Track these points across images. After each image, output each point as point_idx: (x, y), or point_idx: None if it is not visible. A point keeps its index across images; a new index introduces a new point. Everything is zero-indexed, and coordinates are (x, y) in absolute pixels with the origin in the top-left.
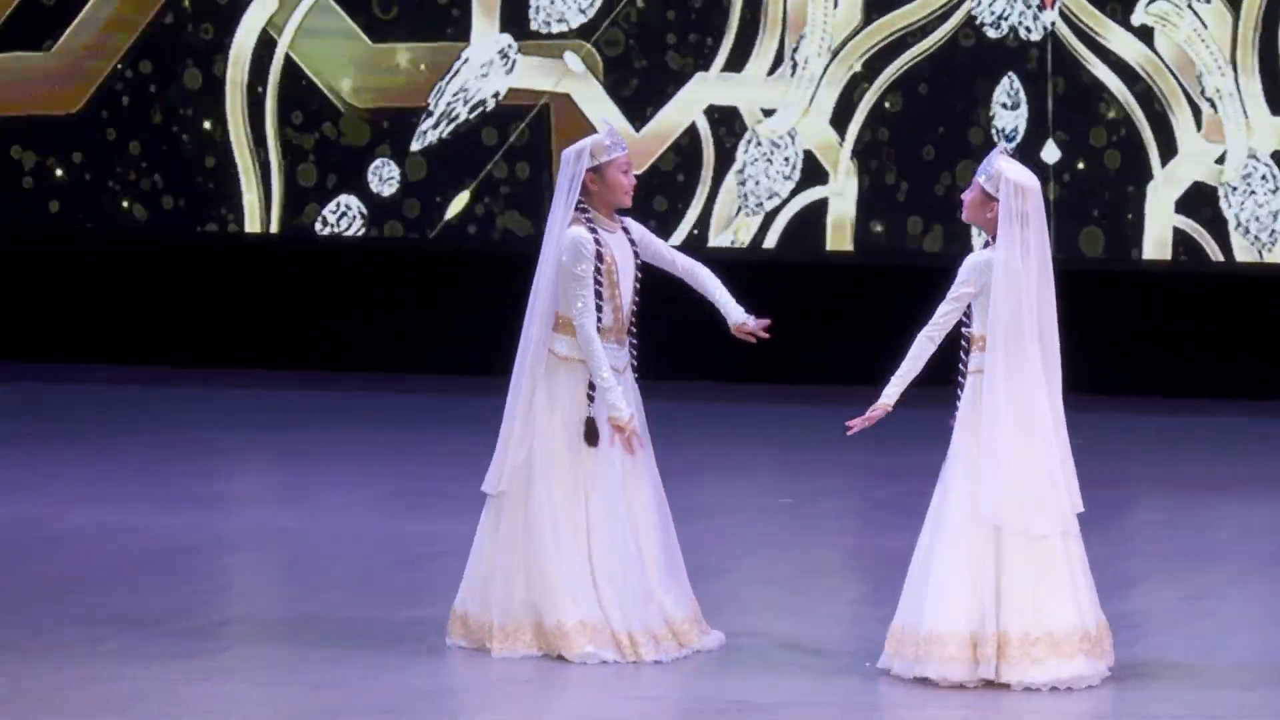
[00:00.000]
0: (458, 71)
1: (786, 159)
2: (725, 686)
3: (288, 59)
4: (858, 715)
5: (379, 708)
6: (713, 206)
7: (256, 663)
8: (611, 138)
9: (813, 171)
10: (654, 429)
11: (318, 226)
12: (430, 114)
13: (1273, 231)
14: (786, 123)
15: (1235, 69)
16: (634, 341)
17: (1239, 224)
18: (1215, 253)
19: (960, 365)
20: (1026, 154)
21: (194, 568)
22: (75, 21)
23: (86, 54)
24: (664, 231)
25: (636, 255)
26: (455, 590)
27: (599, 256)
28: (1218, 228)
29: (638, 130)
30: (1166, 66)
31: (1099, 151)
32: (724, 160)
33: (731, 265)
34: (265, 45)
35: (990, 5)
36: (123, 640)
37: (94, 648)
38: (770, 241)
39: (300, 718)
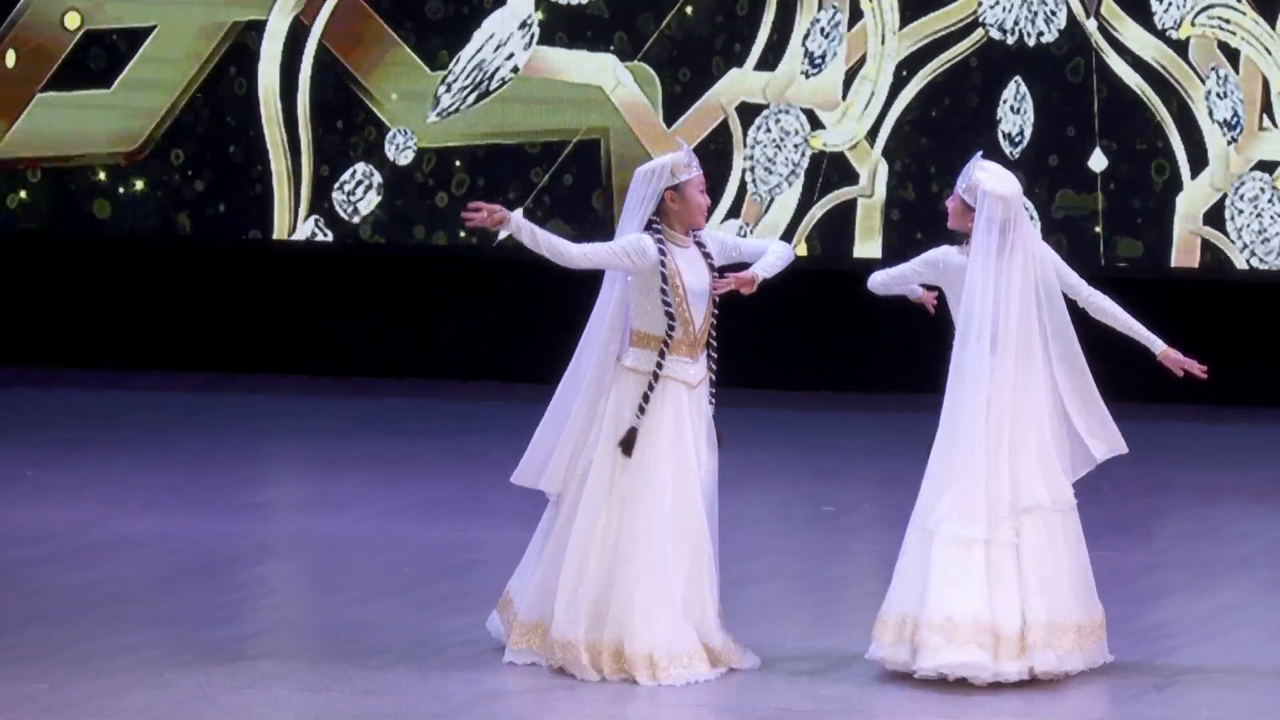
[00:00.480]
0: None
1: (796, 145)
2: (768, 693)
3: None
4: None
5: (424, 713)
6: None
7: (298, 670)
8: (689, 156)
9: (845, 172)
10: None
11: (335, 196)
12: (449, 84)
13: None
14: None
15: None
16: (714, 356)
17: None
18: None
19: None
20: (1073, 160)
21: (235, 575)
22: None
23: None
24: None
25: (712, 270)
26: (495, 597)
27: (664, 267)
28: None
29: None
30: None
31: (1141, 158)
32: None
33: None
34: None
35: (1022, 11)
36: (164, 647)
37: (135, 655)
38: (799, 247)
39: None
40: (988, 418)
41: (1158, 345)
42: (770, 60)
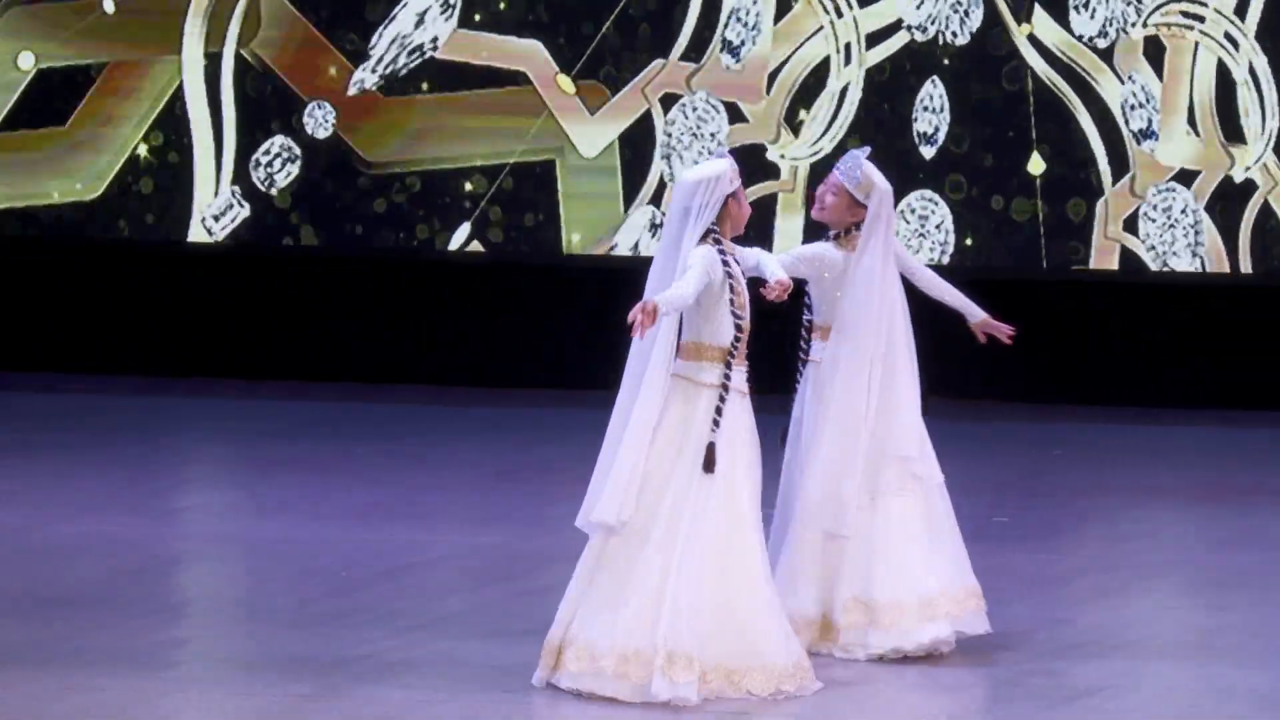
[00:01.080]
0: (394, 17)
1: (712, 134)
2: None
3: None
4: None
5: (359, 718)
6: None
7: (234, 674)
8: (734, 163)
9: (767, 168)
10: None
11: (252, 168)
12: (368, 59)
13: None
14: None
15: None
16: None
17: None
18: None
19: (801, 352)
20: (1010, 165)
21: (173, 579)
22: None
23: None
24: None
25: (744, 274)
26: (436, 599)
27: (731, 278)
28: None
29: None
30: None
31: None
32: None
33: None
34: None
35: (950, 16)
36: (100, 651)
37: (73, 658)
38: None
39: None
40: (866, 415)
41: (975, 314)
42: (694, 54)
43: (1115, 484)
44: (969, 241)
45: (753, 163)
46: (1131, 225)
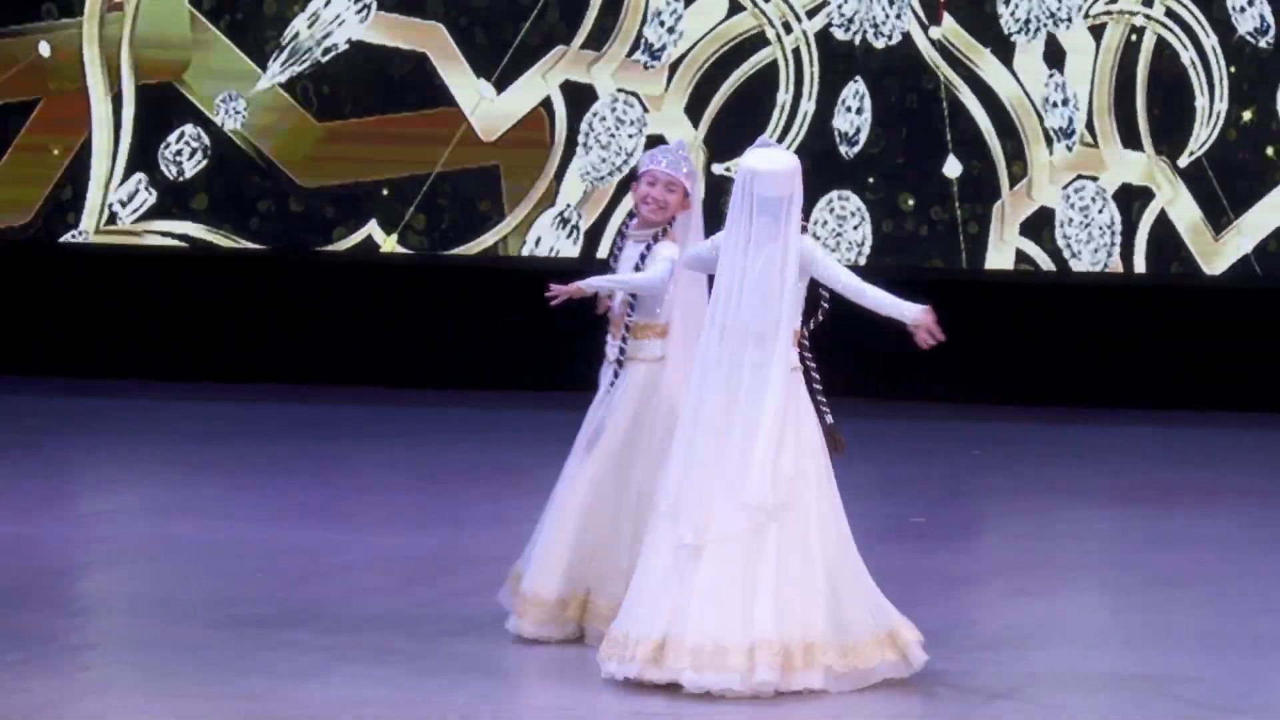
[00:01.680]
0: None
1: (630, 135)
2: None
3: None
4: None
5: (279, 718)
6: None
7: (155, 676)
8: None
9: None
10: None
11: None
12: (280, 50)
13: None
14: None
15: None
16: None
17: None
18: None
19: (620, 348)
20: (929, 169)
21: (90, 580)
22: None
23: None
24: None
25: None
26: (358, 598)
27: None
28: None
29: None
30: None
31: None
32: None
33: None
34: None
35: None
36: (19, 653)
37: None
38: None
39: None
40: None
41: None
42: (598, 40)
43: (1036, 484)
44: (881, 240)
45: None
46: (1045, 225)
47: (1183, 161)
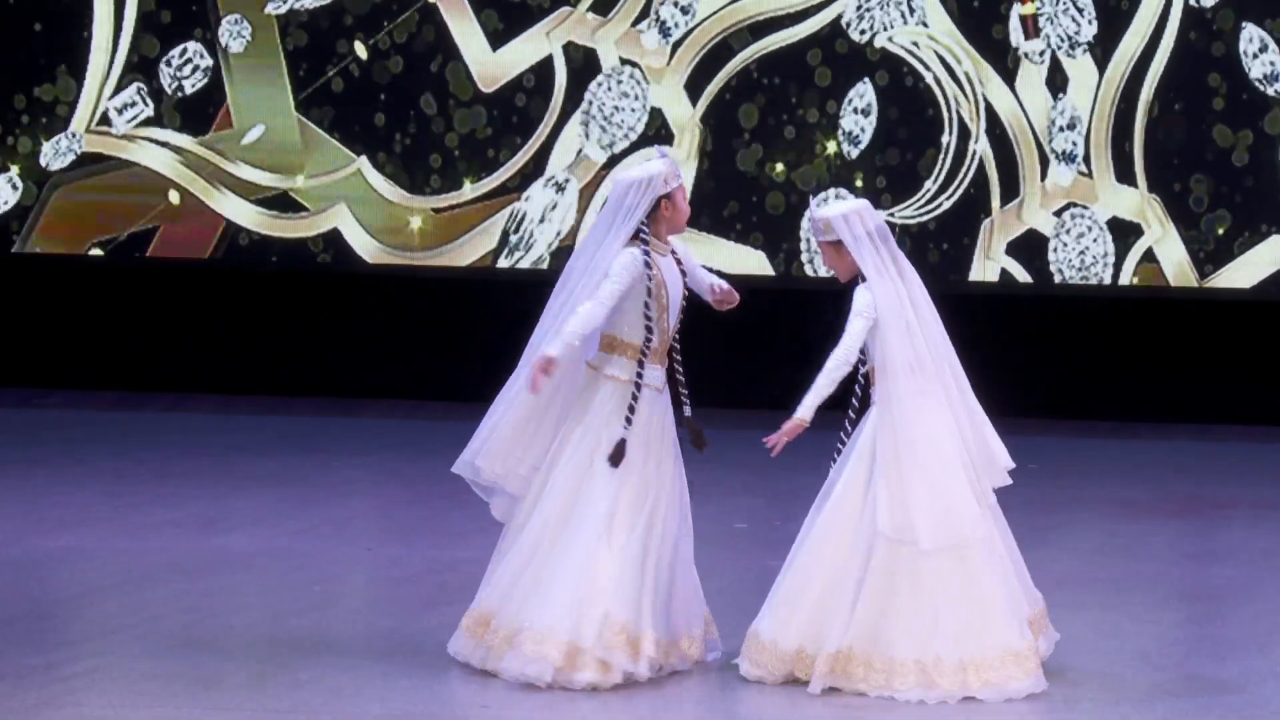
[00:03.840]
0: None
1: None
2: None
3: None
4: None
5: None
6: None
7: (217, 688)
8: (672, 165)
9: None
10: None
11: (162, 70)
12: None
13: None
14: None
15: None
16: (679, 358)
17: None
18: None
19: (854, 399)
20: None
21: (149, 592)
22: None
23: None
24: None
25: (684, 275)
26: (420, 616)
27: (650, 280)
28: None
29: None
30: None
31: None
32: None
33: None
34: None
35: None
36: (79, 664)
37: (49, 673)
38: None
39: None
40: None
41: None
42: (603, 6)
43: (1090, 497)
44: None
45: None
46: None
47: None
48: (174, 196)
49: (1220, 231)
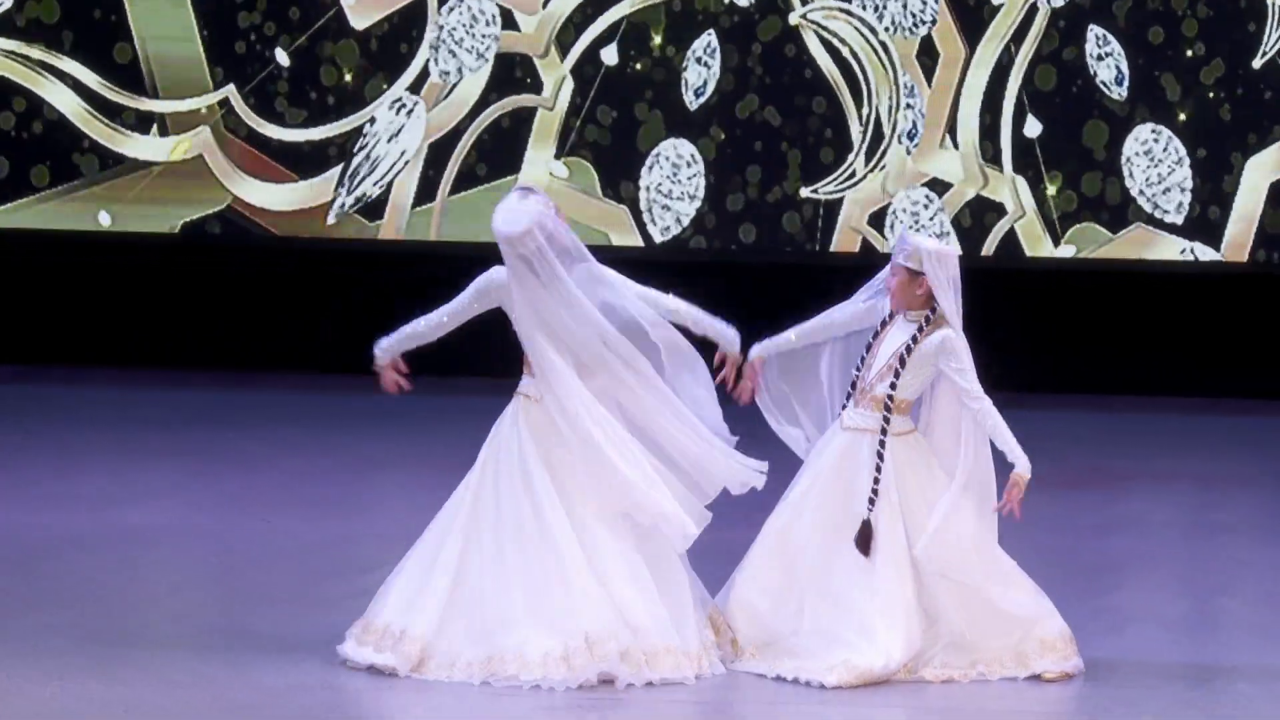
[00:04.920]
0: None
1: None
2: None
3: None
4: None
5: (234, 704)
6: None
7: (107, 662)
8: (545, 201)
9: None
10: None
11: None
12: None
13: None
14: None
15: None
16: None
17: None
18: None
19: (883, 423)
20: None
21: (45, 566)
22: None
23: None
24: None
25: None
26: (305, 587)
27: None
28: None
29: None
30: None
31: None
32: None
33: None
34: None
35: None
36: None
37: None
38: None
39: (158, 716)
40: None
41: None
42: None
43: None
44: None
45: (522, 71)
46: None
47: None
48: None
49: (1073, 207)
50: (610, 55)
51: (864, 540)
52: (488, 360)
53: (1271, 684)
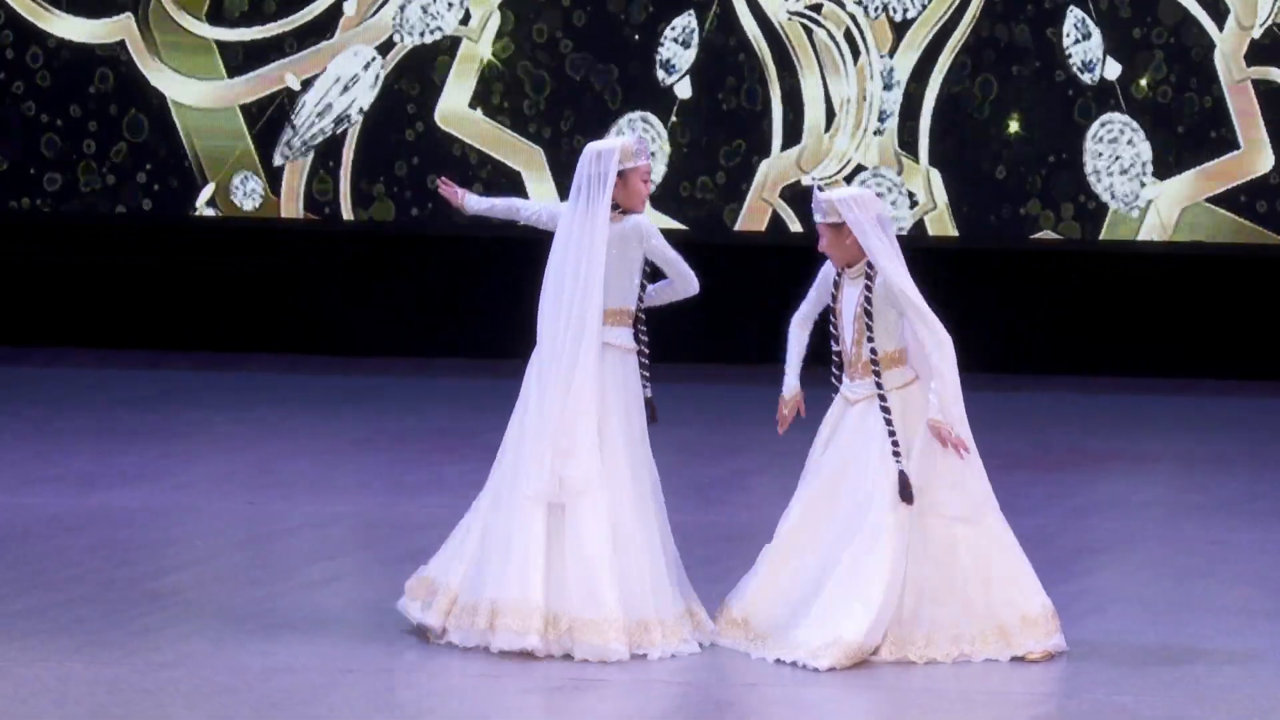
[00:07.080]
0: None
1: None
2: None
3: None
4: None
5: (218, 686)
6: None
7: (92, 643)
8: (639, 144)
9: None
10: None
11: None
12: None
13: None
14: None
15: None
16: (643, 328)
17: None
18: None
19: (876, 383)
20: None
21: (29, 548)
22: None
23: None
24: None
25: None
26: (290, 568)
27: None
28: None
29: None
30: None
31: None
32: None
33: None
34: None
35: None
36: None
37: None
38: None
39: (140, 697)
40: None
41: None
42: None
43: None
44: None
45: None
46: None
47: None
48: None
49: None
50: None
51: (905, 491)
52: (467, 342)
53: (1252, 664)
